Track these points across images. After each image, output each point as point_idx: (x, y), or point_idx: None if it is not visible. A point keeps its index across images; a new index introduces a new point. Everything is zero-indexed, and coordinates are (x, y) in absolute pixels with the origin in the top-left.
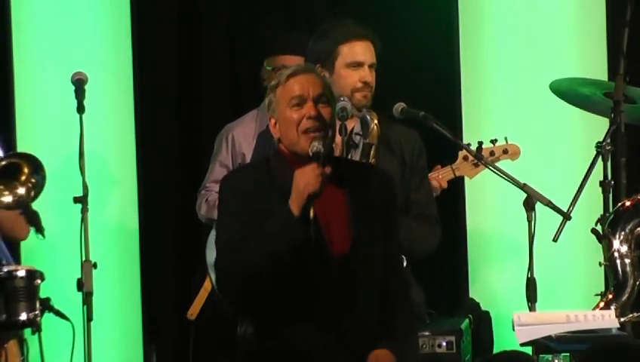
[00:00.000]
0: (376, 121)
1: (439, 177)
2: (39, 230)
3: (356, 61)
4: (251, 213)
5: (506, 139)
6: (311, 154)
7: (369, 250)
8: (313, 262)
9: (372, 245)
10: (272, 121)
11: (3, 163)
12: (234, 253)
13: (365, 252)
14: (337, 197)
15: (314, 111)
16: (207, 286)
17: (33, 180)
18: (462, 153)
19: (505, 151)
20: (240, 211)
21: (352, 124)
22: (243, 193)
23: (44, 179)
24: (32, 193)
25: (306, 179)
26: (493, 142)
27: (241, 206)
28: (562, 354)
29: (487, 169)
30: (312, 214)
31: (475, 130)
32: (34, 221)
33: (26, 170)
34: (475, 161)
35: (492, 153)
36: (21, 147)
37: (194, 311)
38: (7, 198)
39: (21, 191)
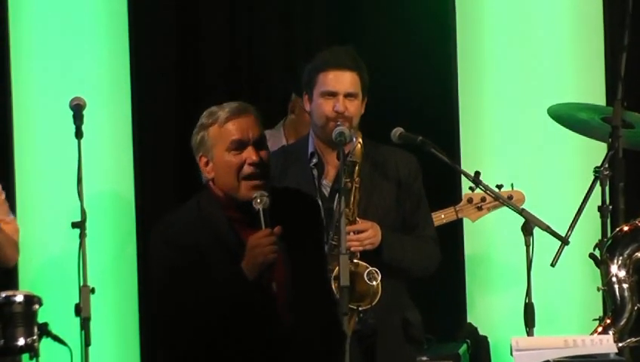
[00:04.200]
0: (360, 140)
1: (441, 217)
2: None
3: (328, 90)
4: (188, 264)
5: (512, 185)
6: (256, 209)
7: (307, 317)
8: (261, 329)
9: (311, 310)
10: (204, 159)
11: None
12: (179, 313)
13: (303, 319)
14: (278, 259)
15: (255, 156)
16: None
17: None
18: (466, 195)
19: (510, 198)
20: (176, 266)
21: (349, 148)
22: (176, 243)
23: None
24: None
25: (263, 251)
26: (499, 187)
27: (174, 257)
28: None
29: (485, 192)
30: (274, 287)
31: (473, 156)
32: None
33: None
34: (480, 204)
35: (497, 198)
36: (19, 173)
37: None
38: None
39: None
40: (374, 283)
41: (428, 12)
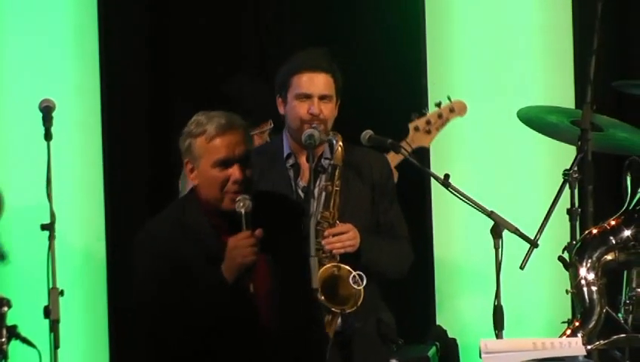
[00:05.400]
0: (340, 143)
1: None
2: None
3: (303, 93)
4: (170, 270)
5: (449, 98)
6: (238, 210)
7: (290, 321)
8: (242, 334)
9: (293, 315)
10: (189, 165)
11: None
12: (160, 317)
13: (286, 324)
14: (259, 262)
15: (240, 175)
16: None
17: None
18: (411, 125)
19: (452, 110)
20: (157, 269)
21: (322, 150)
22: (159, 250)
23: (1, 207)
24: None
25: (242, 252)
26: (438, 105)
27: (158, 263)
28: None
29: (454, 195)
30: (251, 289)
31: (443, 157)
32: None
33: None
34: (427, 128)
35: (440, 115)
36: None
37: None
38: None
39: None
40: (358, 287)
41: (398, 14)
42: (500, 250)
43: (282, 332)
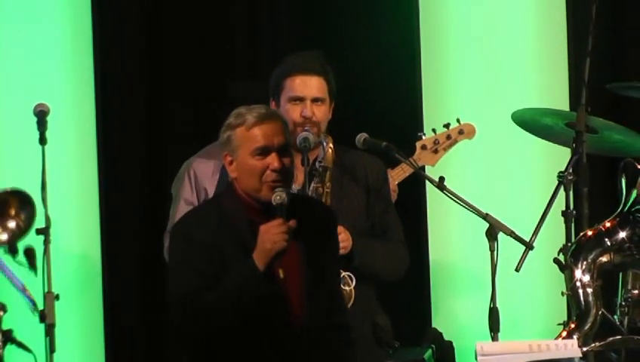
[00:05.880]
0: (331, 145)
1: (403, 171)
2: (33, 266)
3: (296, 95)
4: (206, 262)
5: (458, 120)
6: (274, 203)
7: (320, 315)
8: (272, 322)
9: (323, 309)
10: (228, 158)
11: None
12: (191, 306)
13: (317, 317)
14: (293, 252)
15: (278, 163)
16: None
17: (23, 215)
18: (418, 144)
19: (461, 132)
20: (194, 260)
21: (316, 153)
22: (195, 241)
23: (33, 212)
24: (23, 227)
25: (272, 238)
26: (447, 126)
27: (195, 254)
28: None
29: (449, 197)
30: (281, 274)
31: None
32: (29, 257)
33: (13, 205)
34: (434, 148)
35: (449, 137)
36: None
37: None
38: (2, 236)
39: (12, 225)
40: (347, 288)
41: (392, 16)
42: (496, 252)
43: (311, 332)
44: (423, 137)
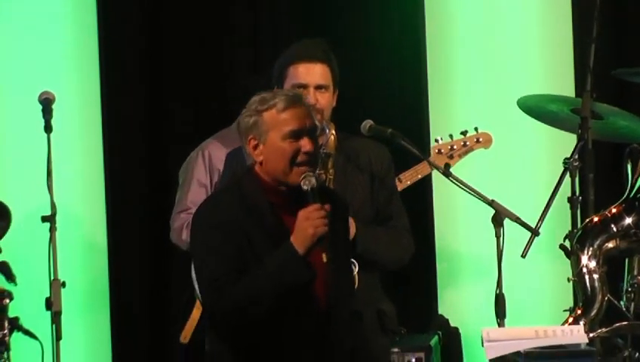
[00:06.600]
0: (333, 131)
1: (416, 173)
2: (10, 278)
3: (299, 83)
4: (233, 245)
5: (476, 129)
6: (304, 188)
7: (344, 301)
8: (300, 307)
9: (347, 296)
10: (253, 142)
11: None
12: (224, 290)
13: (341, 304)
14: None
15: (310, 146)
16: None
17: None
18: (434, 147)
19: (478, 141)
20: (221, 244)
21: (321, 141)
22: (220, 225)
23: (7, 225)
24: None
25: (314, 223)
26: (464, 133)
27: (221, 239)
28: None
29: (455, 184)
30: (324, 258)
31: None
32: (3, 270)
33: None
34: (450, 153)
35: (465, 144)
36: None
37: (186, 334)
38: None
39: None
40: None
41: (397, 4)
42: (502, 238)
43: (333, 312)
44: (440, 141)
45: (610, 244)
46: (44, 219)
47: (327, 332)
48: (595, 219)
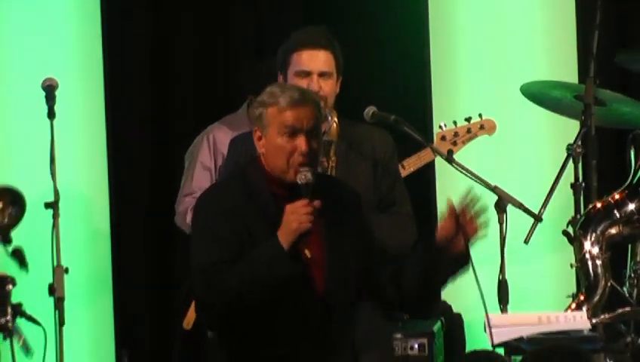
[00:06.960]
0: (335, 119)
1: (419, 159)
2: (23, 264)
3: (302, 70)
4: (231, 233)
5: (480, 115)
6: (299, 182)
7: (343, 293)
8: (296, 299)
9: (346, 288)
10: (258, 133)
11: None
12: (213, 278)
13: (339, 296)
14: (315, 230)
15: (306, 146)
16: None
17: (10, 211)
18: (438, 134)
19: (482, 127)
20: (219, 231)
21: (324, 128)
22: (221, 212)
23: (22, 211)
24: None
25: (298, 218)
26: (468, 120)
27: (220, 227)
28: None
29: (458, 170)
30: (307, 254)
31: None
32: (18, 256)
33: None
34: (454, 140)
35: (469, 130)
36: None
37: (189, 320)
38: None
39: None
40: None
41: None
42: (504, 224)
43: (332, 304)
44: (444, 128)
45: (613, 230)
46: (47, 205)
47: (326, 324)
48: (598, 205)
